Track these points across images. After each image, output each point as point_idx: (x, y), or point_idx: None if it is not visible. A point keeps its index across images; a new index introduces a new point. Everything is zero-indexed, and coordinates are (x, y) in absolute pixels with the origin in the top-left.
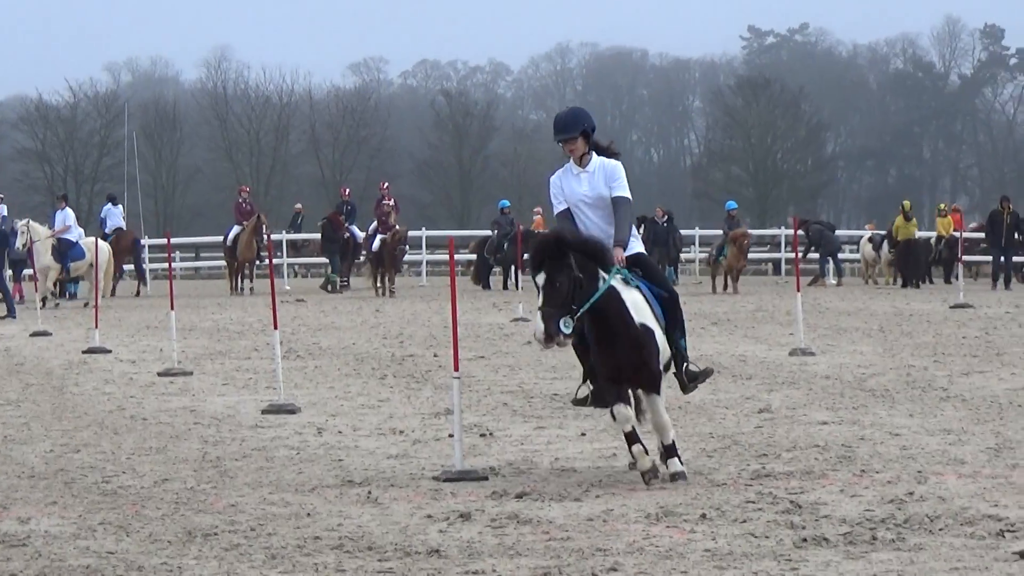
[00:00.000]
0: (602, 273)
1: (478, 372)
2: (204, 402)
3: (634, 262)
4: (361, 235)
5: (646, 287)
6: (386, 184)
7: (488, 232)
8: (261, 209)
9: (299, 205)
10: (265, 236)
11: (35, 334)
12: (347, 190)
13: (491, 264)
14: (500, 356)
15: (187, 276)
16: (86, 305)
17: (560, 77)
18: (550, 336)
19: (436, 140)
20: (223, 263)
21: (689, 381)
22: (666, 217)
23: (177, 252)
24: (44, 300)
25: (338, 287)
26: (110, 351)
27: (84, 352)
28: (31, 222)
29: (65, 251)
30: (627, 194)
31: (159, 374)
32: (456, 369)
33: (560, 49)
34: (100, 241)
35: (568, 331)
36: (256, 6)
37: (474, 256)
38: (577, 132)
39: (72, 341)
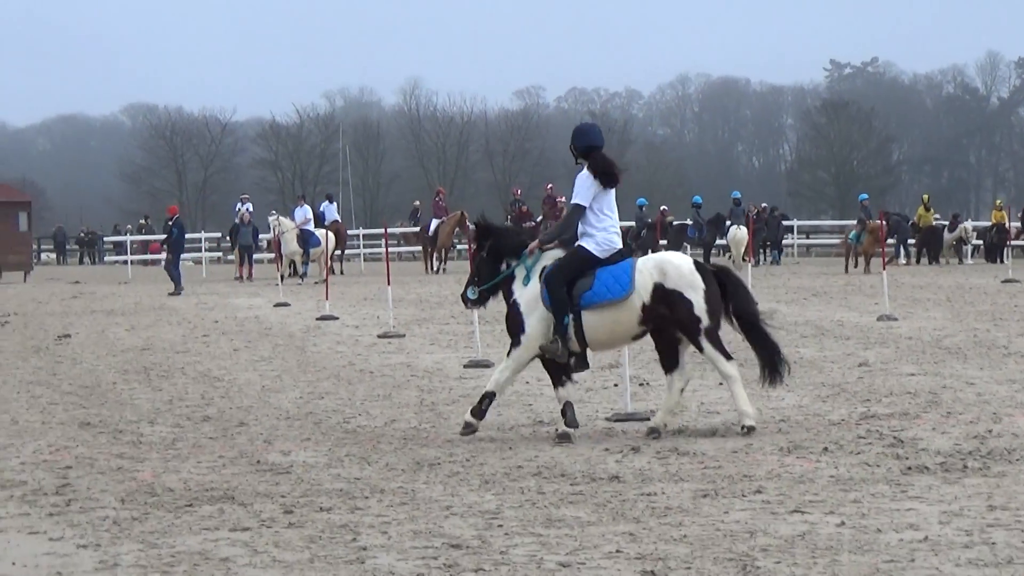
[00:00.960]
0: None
1: None
2: (417, 359)
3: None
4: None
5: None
6: (550, 185)
7: (629, 223)
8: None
9: (417, 202)
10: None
11: (277, 305)
12: (518, 190)
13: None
14: None
15: (392, 259)
16: (316, 282)
17: (681, 100)
18: (463, 299)
19: None
20: (418, 248)
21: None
22: (771, 211)
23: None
24: (282, 277)
25: None
26: (338, 318)
27: (318, 319)
28: (280, 216)
29: (307, 239)
30: (576, 200)
31: (379, 336)
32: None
33: (681, 78)
34: (330, 233)
35: (473, 297)
36: (443, 45)
37: None
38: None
39: (308, 311)
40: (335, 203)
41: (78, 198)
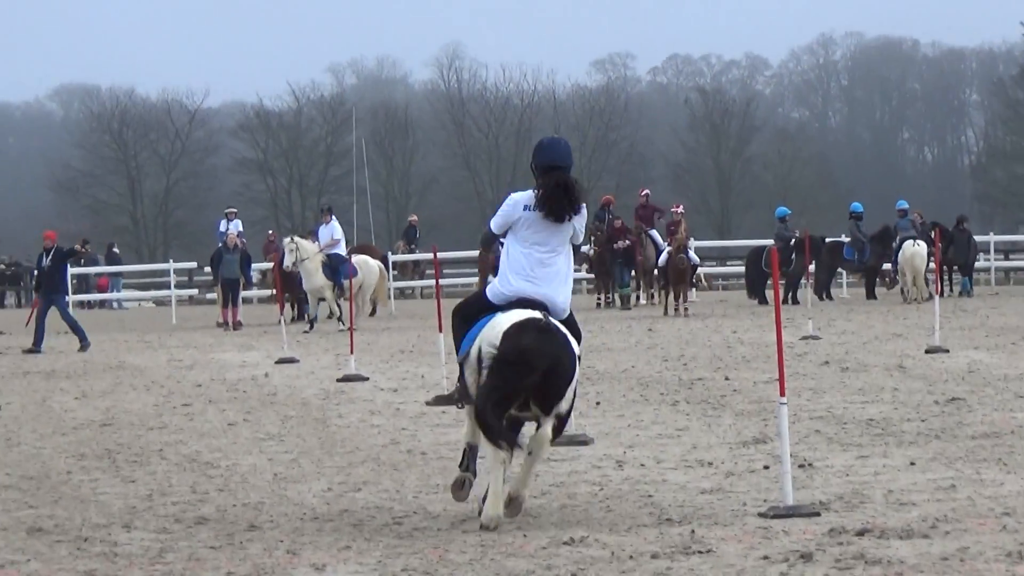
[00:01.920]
0: None
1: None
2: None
3: None
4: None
5: None
6: (645, 191)
7: (766, 241)
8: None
9: (414, 216)
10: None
11: (281, 361)
12: (612, 198)
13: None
14: (797, 378)
15: (428, 295)
16: (341, 329)
17: (823, 71)
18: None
19: (691, 141)
20: (471, 280)
21: None
22: (958, 223)
23: (424, 268)
24: (311, 322)
25: (629, 303)
26: (368, 379)
27: (339, 380)
28: (297, 239)
29: (337, 267)
30: (489, 222)
31: (428, 404)
32: (782, 394)
33: (823, 40)
34: (370, 258)
35: None
36: (489, 0)
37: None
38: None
39: (322, 368)
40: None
41: None
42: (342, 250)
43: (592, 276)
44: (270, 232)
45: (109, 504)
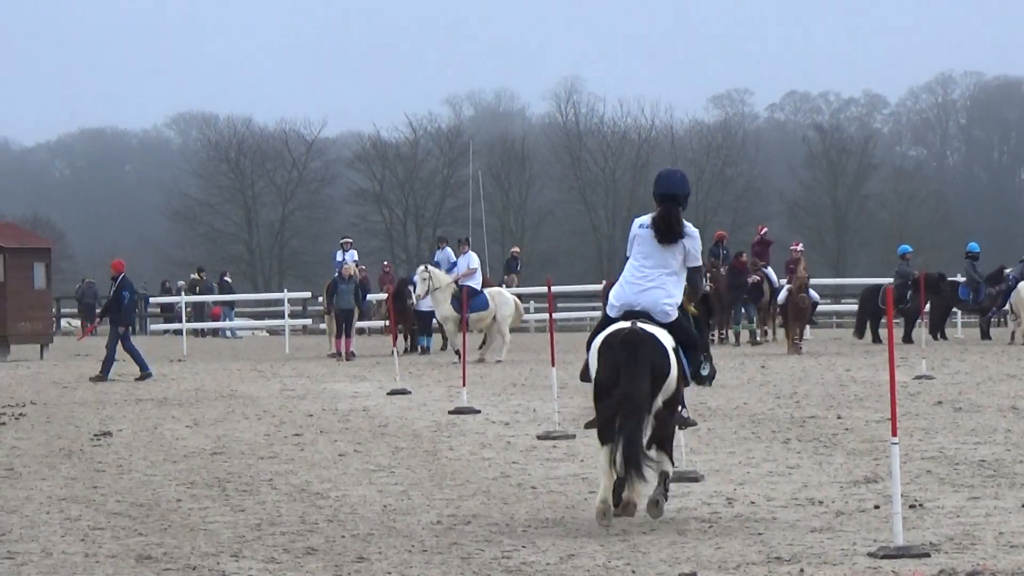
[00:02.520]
0: None
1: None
2: (594, 469)
3: None
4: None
5: None
6: (764, 227)
7: (882, 280)
8: (620, 255)
9: (516, 248)
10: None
11: (393, 392)
12: (725, 234)
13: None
14: (909, 418)
15: (540, 328)
16: (455, 362)
17: (942, 110)
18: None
19: (808, 178)
20: (585, 314)
21: None
22: None
23: (532, 302)
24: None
25: (756, 338)
26: (479, 411)
27: (451, 412)
28: (431, 268)
29: (468, 299)
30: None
31: (539, 437)
32: (894, 434)
33: (941, 79)
34: (505, 290)
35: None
36: (608, 34)
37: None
38: None
39: (435, 400)
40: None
41: (110, 242)
42: (477, 282)
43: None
44: (385, 263)
45: (218, 533)
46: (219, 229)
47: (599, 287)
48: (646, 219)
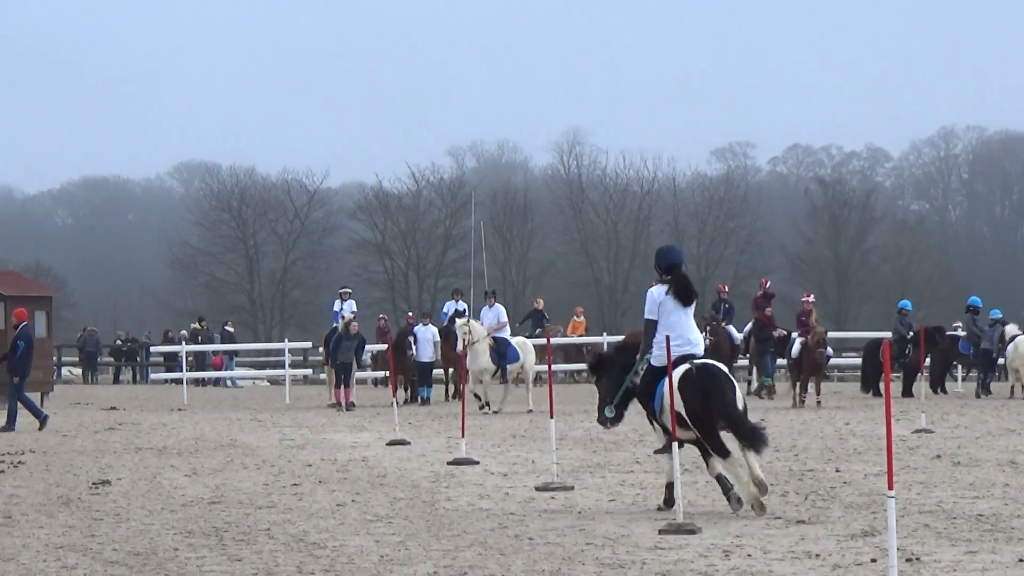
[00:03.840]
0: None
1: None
2: (592, 520)
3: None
4: (738, 336)
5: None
6: (767, 280)
7: (883, 333)
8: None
9: (540, 301)
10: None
11: (392, 443)
12: (725, 287)
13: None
14: (908, 471)
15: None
16: (494, 411)
17: (944, 164)
18: (601, 422)
19: (810, 232)
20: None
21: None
22: None
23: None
24: (477, 397)
25: (774, 392)
26: (478, 463)
27: (450, 463)
28: (472, 321)
29: (503, 351)
30: (647, 316)
31: (537, 488)
32: (890, 487)
33: (944, 133)
34: (527, 341)
35: (611, 416)
36: (611, 86)
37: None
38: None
39: (434, 451)
40: (462, 301)
41: (111, 291)
42: (507, 334)
43: None
44: (381, 316)
45: None
46: (221, 278)
47: (599, 339)
48: (662, 290)
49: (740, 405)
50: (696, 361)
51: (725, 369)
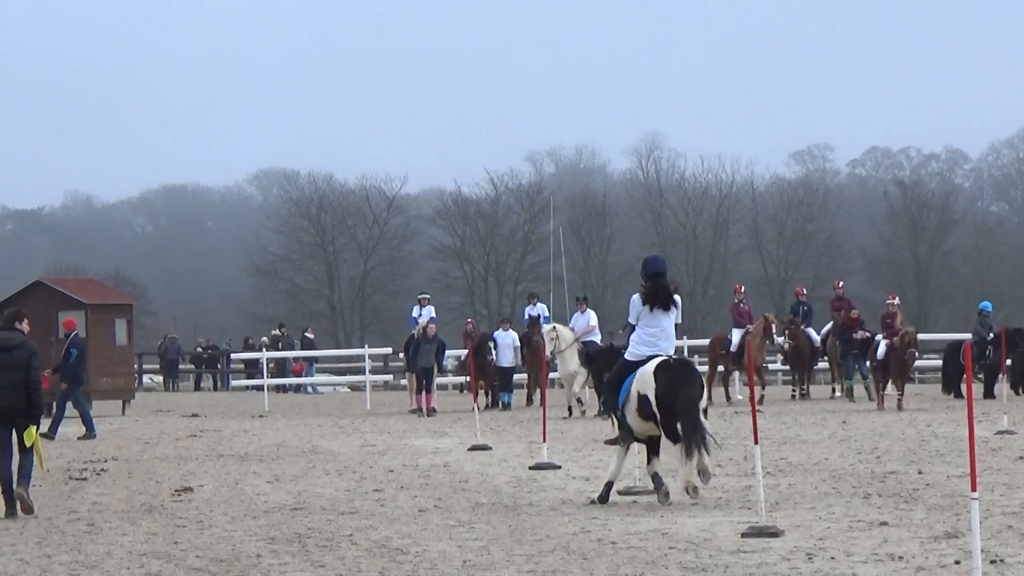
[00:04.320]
0: None
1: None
2: (675, 524)
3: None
4: (817, 338)
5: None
6: (841, 283)
7: (964, 335)
8: (701, 310)
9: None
10: (776, 337)
11: (474, 448)
12: (804, 290)
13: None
14: (991, 472)
15: None
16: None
17: (1023, 165)
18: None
19: (889, 234)
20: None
21: None
22: None
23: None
24: (570, 409)
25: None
26: (560, 467)
27: (531, 468)
28: (558, 327)
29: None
30: (629, 319)
31: (620, 492)
32: (974, 489)
33: (1023, 134)
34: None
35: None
36: (689, 90)
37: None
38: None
39: (515, 456)
40: (540, 305)
41: (191, 299)
42: (597, 338)
43: (787, 368)
44: (469, 320)
45: None
46: (300, 285)
47: (680, 343)
48: (640, 297)
49: (702, 405)
50: (673, 357)
51: (697, 369)
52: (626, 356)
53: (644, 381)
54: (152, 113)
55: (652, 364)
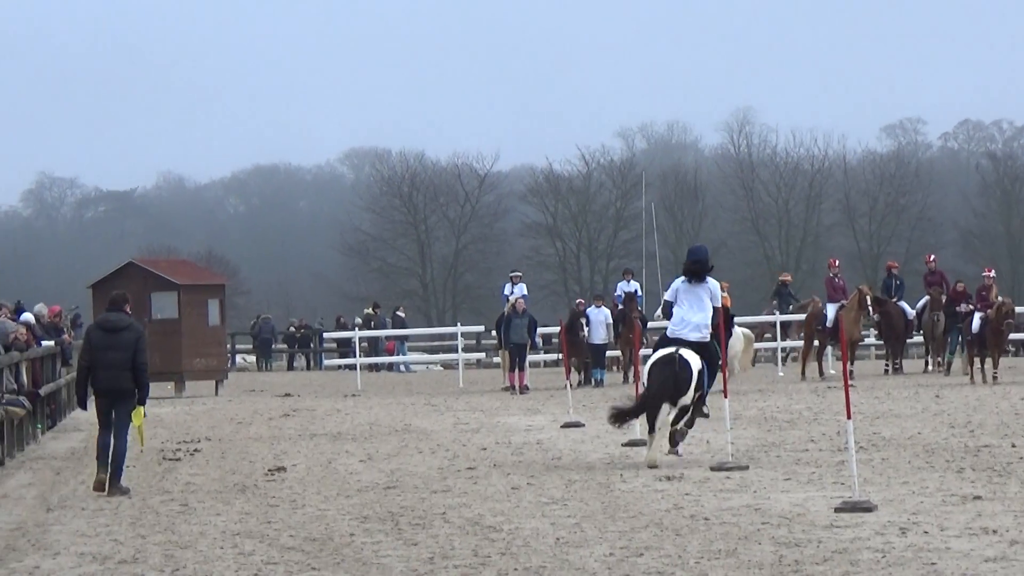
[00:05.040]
0: None
1: None
2: (767, 499)
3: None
4: (911, 312)
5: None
6: (932, 256)
7: None
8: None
9: (787, 275)
10: (870, 310)
11: (566, 425)
12: (895, 264)
13: None
14: None
15: None
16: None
17: None
18: None
19: (982, 207)
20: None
21: None
22: None
23: None
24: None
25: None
26: None
27: (624, 445)
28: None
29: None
30: (665, 297)
31: (712, 468)
32: None
33: None
34: (737, 328)
35: None
36: (780, 64)
37: None
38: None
39: (608, 433)
40: (633, 282)
41: (283, 279)
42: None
43: (880, 342)
44: (579, 301)
45: (391, 567)
46: (392, 264)
47: (772, 318)
48: (681, 278)
49: (689, 396)
50: (681, 351)
51: (693, 364)
52: (667, 333)
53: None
54: (244, 93)
55: (657, 354)
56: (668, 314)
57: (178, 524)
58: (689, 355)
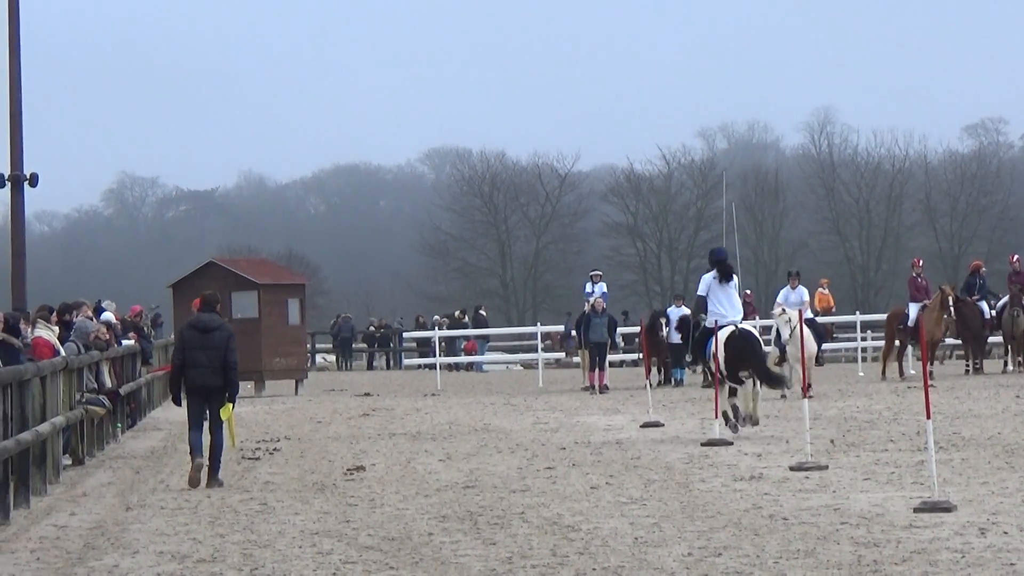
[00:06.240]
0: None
1: None
2: (847, 499)
3: None
4: (988, 311)
5: None
6: (1016, 257)
7: None
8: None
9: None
10: (952, 311)
11: (646, 425)
12: (980, 264)
13: None
14: None
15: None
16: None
17: None
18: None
19: None
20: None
21: None
22: None
23: None
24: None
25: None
26: (731, 443)
27: (703, 444)
28: (788, 309)
29: (821, 332)
30: (698, 292)
31: (791, 468)
32: None
33: None
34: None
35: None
36: (861, 64)
37: None
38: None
39: (687, 432)
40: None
41: (364, 278)
42: (808, 314)
43: (958, 342)
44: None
45: (469, 566)
46: (473, 264)
47: (852, 318)
48: (712, 274)
49: (765, 359)
50: (739, 325)
51: (755, 333)
52: (706, 324)
53: (719, 346)
54: (326, 93)
55: (724, 333)
56: (702, 308)
57: (257, 523)
58: (748, 326)
